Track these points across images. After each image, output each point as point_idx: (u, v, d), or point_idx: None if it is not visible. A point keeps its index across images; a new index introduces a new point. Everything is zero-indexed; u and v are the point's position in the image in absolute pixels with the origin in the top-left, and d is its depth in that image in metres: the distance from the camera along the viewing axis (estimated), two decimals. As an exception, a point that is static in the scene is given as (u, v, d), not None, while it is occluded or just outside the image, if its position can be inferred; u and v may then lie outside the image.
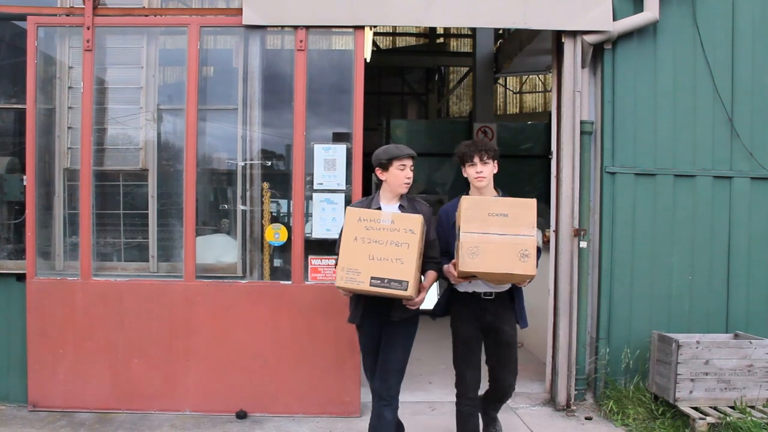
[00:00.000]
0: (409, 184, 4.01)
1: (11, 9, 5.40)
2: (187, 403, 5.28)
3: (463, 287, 4.15)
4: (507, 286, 4.15)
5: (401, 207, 4.01)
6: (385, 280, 3.67)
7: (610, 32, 5.37)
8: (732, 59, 5.62)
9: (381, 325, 4.02)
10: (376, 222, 3.73)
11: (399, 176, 3.96)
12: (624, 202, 5.52)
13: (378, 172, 4.01)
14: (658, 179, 5.55)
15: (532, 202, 3.76)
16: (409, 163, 3.98)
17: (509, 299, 4.22)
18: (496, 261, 3.71)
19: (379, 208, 3.94)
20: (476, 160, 4.05)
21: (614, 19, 5.38)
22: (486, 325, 4.21)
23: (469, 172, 4.12)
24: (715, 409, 4.97)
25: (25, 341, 5.29)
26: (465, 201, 3.85)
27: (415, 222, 3.73)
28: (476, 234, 3.73)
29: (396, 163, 3.94)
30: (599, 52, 5.52)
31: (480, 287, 4.12)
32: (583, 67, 5.44)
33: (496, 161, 4.12)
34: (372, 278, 3.68)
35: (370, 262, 3.69)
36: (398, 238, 3.70)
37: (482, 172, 4.05)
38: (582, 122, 5.45)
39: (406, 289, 3.68)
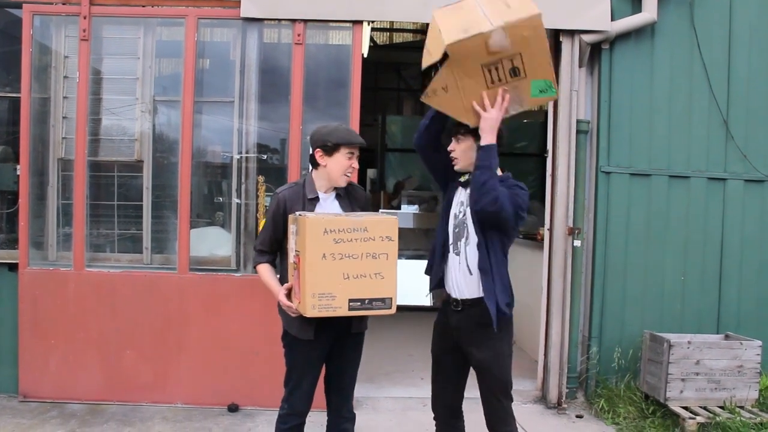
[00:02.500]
0: (351, 175, 3.51)
1: (7, -3, 5.37)
2: (178, 396, 5.28)
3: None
4: (474, 293, 3.40)
5: (338, 196, 3.50)
6: (366, 301, 3.19)
7: (608, 32, 5.38)
8: (728, 62, 5.65)
9: (335, 339, 3.55)
10: (347, 233, 3.12)
11: (344, 164, 3.41)
12: (618, 202, 5.54)
13: (318, 154, 3.40)
14: (653, 180, 5.57)
15: (535, 10, 3.05)
16: (357, 152, 3.47)
17: (481, 314, 3.31)
18: (451, 21, 3.20)
19: (316, 198, 3.44)
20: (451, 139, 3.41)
21: (612, 19, 5.39)
22: (455, 343, 3.51)
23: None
24: (704, 409, 5.01)
25: (16, 331, 5.27)
26: None
27: (392, 227, 3.20)
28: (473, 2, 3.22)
29: (344, 150, 3.39)
30: (597, 52, 5.54)
31: (454, 279, 3.47)
32: (580, 66, 5.45)
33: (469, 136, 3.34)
34: (351, 301, 3.16)
35: (346, 282, 3.14)
36: (375, 248, 3.16)
37: (454, 151, 3.41)
38: (578, 121, 5.46)
39: (390, 307, 3.27)
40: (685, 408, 5.00)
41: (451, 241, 3.44)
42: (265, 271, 3.55)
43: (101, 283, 5.28)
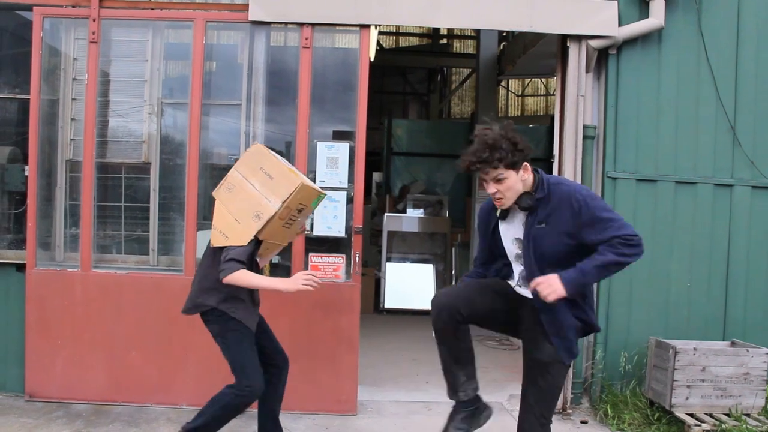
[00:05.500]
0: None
1: (18, 0, 5.41)
2: (183, 397, 5.29)
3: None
4: None
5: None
6: None
7: (615, 38, 5.38)
8: (735, 67, 5.64)
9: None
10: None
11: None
12: (625, 208, 5.52)
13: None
14: (659, 185, 5.57)
15: (296, 181, 3.75)
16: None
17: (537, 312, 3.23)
18: (237, 205, 3.86)
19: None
20: (485, 177, 3.15)
21: (620, 25, 5.40)
22: (521, 322, 3.42)
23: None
24: (710, 416, 4.99)
25: (23, 331, 5.30)
26: (255, 147, 4.00)
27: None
28: (240, 176, 3.89)
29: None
30: (604, 57, 5.54)
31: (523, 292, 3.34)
32: (587, 71, 5.45)
33: (518, 166, 3.10)
34: None
35: None
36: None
37: (496, 192, 3.14)
38: (585, 126, 5.46)
39: None
40: (691, 415, 4.99)
41: (517, 279, 3.37)
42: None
43: (108, 284, 5.30)
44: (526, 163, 3.10)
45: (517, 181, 3.09)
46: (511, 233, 3.29)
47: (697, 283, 5.65)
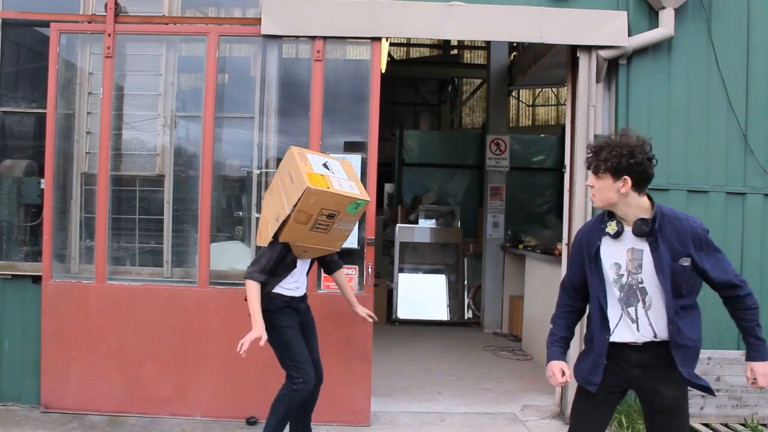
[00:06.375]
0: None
1: (35, 16, 5.49)
2: (197, 409, 5.32)
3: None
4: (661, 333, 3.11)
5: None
6: None
7: (625, 48, 5.39)
8: (747, 76, 5.63)
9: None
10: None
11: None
12: (636, 217, 5.52)
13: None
14: (671, 195, 5.55)
15: (303, 186, 3.82)
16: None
17: (667, 352, 3.07)
18: (269, 207, 4.15)
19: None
20: (589, 171, 3.14)
21: (629, 35, 5.41)
22: (631, 383, 3.19)
23: None
24: (726, 426, 4.97)
25: (39, 343, 5.35)
26: (289, 151, 4.16)
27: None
28: (277, 179, 4.17)
29: None
30: (614, 67, 5.55)
31: (624, 336, 3.12)
32: (597, 81, 5.46)
33: (625, 176, 2.99)
34: None
35: None
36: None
37: (592, 188, 3.13)
38: (596, 136, 5.45)
39: None
40: (706, 425, 4.96)
41: (621, 308, 3.14)
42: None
43: (122, 296, 5.34)
44: (628, 178, 2.98)
45: (611, 188, 3.01)
46: (613, 257, 3.13)
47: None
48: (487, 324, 9.45)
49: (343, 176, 4.16)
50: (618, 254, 3.11)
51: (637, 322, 3.07)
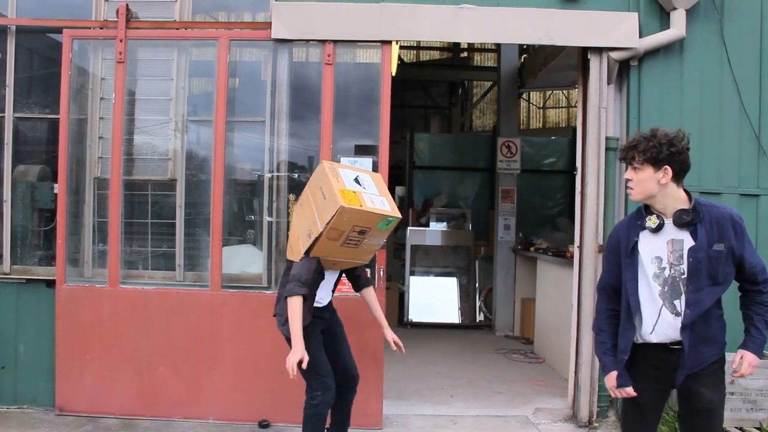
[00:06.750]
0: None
1: (48, 22, 5.55)
2: (210, 411, 5.34)
3: (643, 336, 3.19)
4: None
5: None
6: None
7: (636, 49, 5.37)
8: (760, 76, 5.59)
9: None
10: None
11: None
12: (649, 219, 5.49)
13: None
14: (684, 196, 5.52)
15: (337, 204, 3.77)
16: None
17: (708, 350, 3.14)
18: (300, 222, 4.11)
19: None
20: (631, 163, 3.13)
21: (641, 36, 5.39)
22: (673, 385, 3.21)
23: None
24: (740, 429, 4.93)
25: (53, 347, 5.39)
26: (320, 166, 4.11)
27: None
28: (308, 194, 4.10)
29: None
30: (625, 69, 5.53)
31: (665, 333, 3.12)
32: (608, 83, 5.45)
33: (665, 166, 3.01)
34: None
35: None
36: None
37: (630, 181, 3.13)
38: (607, 138, 5.45)
39: None
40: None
41: (662, 302, 3.11)
42: None
43: (135, 300, 5.37)
44: (669, 168, 3.00)
45: (651, 179, 3.02)
46: (653, 251, 3.11)
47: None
48: (499, 327, 9.44)
49: (375, 191, 4.14)
50: (659, 248, 3.10)
51: (681, 315, 3.07)
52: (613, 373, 3.22)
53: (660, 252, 3.10)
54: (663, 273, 3.10)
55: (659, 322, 3.11)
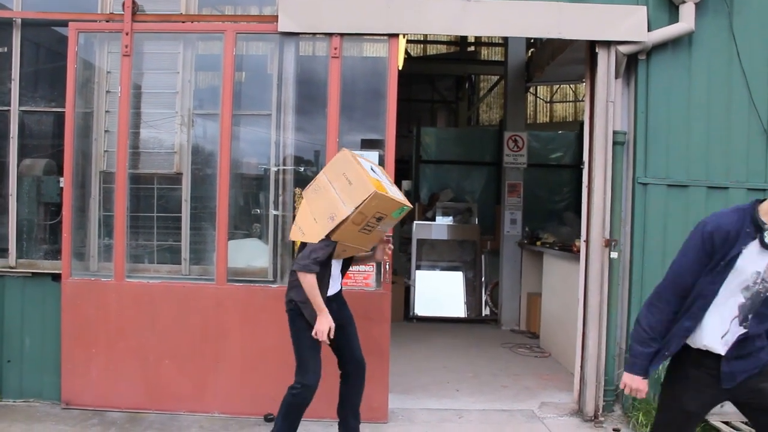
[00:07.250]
0: None
1: (54, 15, 5.53)
2: (215, 405, 5.34)
3: (695, 341, 3.09)
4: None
5: None
6: None
7: (644, 43, 5.34)
8: (769, 70, 5.56)
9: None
10: None
11: None
12: (656, 214, 5.47)
13: None
14: (691, 191, 5.50)
15: (369, 189, 3.90)
16: None
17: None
18: (318, 205, 4.16)
19: None
20: None
21: (649, 30, 5.35)
22: (722, 391, 3.13)
23: None
24: (746, 424, 4.90)
25: (59, 340, 5.40)
26: (341, 153, 4.24)
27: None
28: (326, 180, 4.19)
29: None
30: (633, 63, 5.50)
31: (713, 342, 3.05)
32: (616, 77, 5.42)
33: None
34: None
35: None
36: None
37: None
38: (615, 132, 5.42)
39: None
40: (726, 423, 4.91)
41: (737, 314, 3.02)
42: None
43: (141, 294, 5.38)
44: None
45: None
46: (756, 264, 2.97)
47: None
48: (505, 321, 9.42)
49: (388, 181, 4.28)
50: (762, 262, 2.96)
51: (748, 328, 3.00)
52: (643, 381, 3.16)
53: (760, 267, 2.96)
54: (755, 287, 2.98)
55: (728, 333, 3.02)
